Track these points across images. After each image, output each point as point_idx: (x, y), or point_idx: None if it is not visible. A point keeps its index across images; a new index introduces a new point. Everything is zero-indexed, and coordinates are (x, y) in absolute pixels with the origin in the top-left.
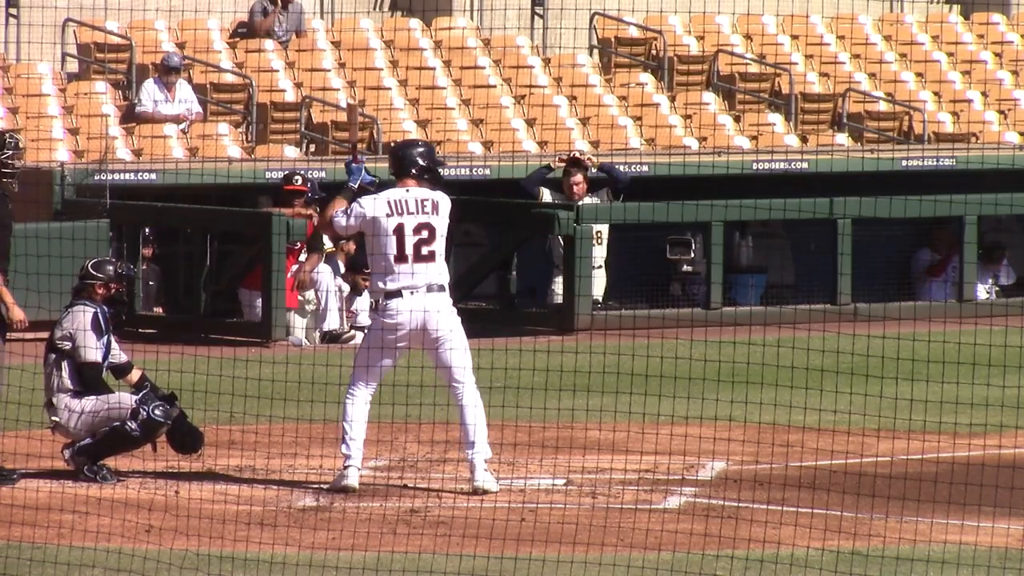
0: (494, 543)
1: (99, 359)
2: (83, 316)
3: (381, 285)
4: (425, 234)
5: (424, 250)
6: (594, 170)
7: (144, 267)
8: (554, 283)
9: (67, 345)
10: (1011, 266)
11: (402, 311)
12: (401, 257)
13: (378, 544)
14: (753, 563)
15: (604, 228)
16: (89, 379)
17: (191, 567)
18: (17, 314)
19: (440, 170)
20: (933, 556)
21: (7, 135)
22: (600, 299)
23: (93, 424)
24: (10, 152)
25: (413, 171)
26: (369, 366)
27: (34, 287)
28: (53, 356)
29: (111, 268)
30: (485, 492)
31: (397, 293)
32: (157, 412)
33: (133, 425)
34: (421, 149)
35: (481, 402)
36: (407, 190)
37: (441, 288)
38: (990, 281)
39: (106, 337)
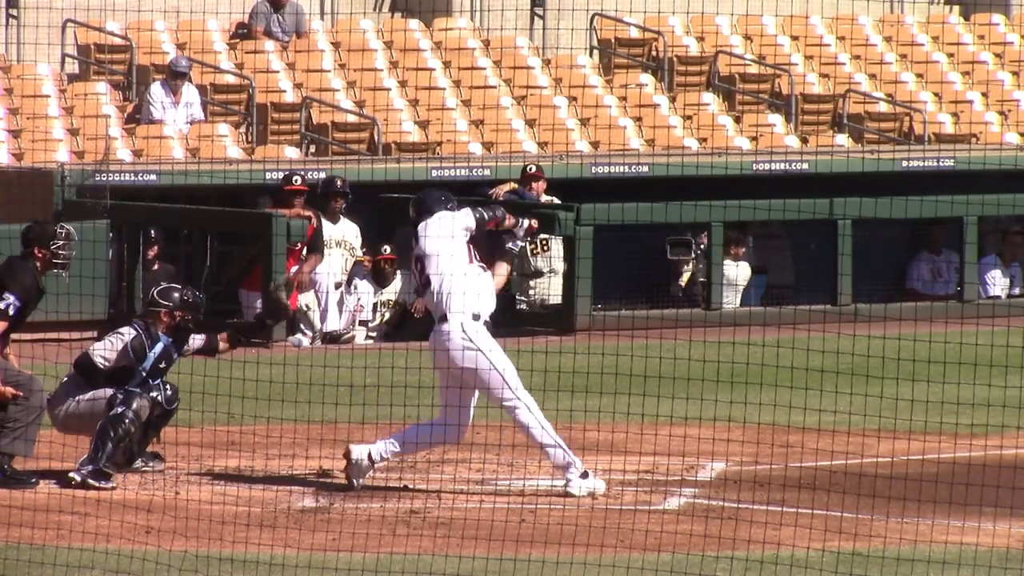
0: (494, 543)
1: (99, 365)
2: (127, 333)
3: None
4: (419, 267)
5: (422, 280)
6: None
7: (156, 267)
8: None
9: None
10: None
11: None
12: (417, 291)
13: (378, 545)
14: (753, 564)
15: (553, 238)
16: (82, 368)
17: (190, 568)
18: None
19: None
20: (933, 556)
21: (59, 226)
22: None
23: (79, 413)
24: (60, 242)
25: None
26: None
27: None
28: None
29: (177, 295)
30: (591, 494)
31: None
32: (157, 396)
33: (120, 409)
34: (432, 191)
35: (535, 416)
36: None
37: (442, 319)
38: (1007, 280)
39: (146, 362)
